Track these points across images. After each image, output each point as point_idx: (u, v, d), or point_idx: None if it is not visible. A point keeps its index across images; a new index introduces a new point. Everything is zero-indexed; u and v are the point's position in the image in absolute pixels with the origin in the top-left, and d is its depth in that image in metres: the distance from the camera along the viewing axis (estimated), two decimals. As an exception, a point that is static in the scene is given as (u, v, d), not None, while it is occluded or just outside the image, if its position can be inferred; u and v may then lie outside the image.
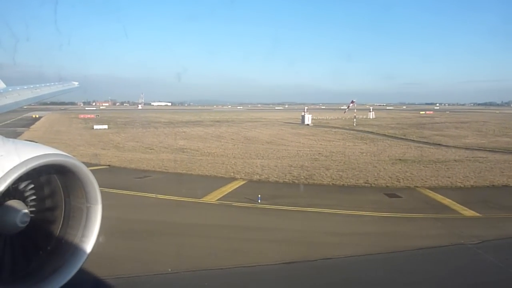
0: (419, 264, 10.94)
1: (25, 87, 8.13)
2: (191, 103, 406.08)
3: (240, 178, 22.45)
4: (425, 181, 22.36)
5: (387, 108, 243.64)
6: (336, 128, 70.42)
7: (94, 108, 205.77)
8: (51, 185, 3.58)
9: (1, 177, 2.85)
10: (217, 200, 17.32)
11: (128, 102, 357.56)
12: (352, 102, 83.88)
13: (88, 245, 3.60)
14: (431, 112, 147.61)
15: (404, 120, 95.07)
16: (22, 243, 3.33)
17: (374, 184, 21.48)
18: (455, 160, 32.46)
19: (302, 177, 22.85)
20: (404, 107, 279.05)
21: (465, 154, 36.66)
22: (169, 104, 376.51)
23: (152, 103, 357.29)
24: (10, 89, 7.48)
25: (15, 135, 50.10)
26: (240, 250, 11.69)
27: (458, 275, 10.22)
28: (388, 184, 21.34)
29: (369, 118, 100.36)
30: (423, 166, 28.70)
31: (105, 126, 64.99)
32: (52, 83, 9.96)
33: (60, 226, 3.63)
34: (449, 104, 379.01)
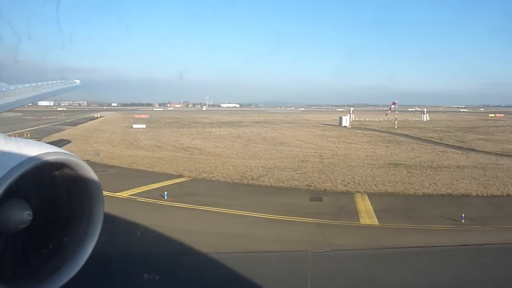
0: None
1: (27, 85, 8.19)
2: (260, 105, 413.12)
3: (187, 176, 22.92)
4: (377, 187, 20.93)
5: (460, 110, 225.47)
6: (372, 130, 67.26)
7: (161, 109, 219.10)
8: (53, 183, 3.55)
9: (3, 175, 2.83)
10: (130, 195, 18.04)
11: (200, 104, 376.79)
12: (394, 103, 79.06)
13: (90, 244, 3.60)
14: (502, 115, 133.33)
15: (459, 123, 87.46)
16: (24, 241, 3.34)
17: (315, 187, 20.68)
18: (457, 167, 29.61)
19: (249, 178, 22.68)
20: (482, 109, 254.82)
21: (482, 161, 33.16)
22: (237, 105, 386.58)
23: (221, 105, 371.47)
24: (12, 88, 7.46)
25: (56, 131, 55.83)
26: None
27: (252, 281, 9.65)
28: (328, 188, 20.39)
29: (421, 121, 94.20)
30: (407, 172, 26.72)
31: (143, 126, 68.81)
32: (54, 81, 10.08)
33: (62, 225, 3.62)
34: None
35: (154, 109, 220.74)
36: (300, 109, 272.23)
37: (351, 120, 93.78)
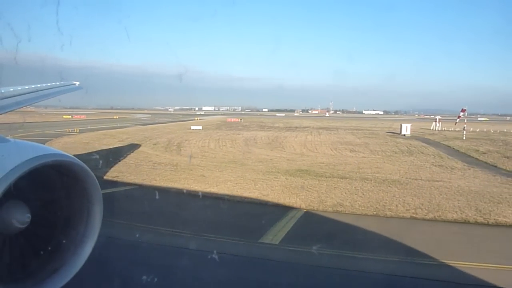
0: None
1: (26, 87, 8.11)
2: (415, 113, 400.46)
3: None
4: (174, 183, 22.76)
5: None
6: (423, 140, 59.31)
7: (284, 115, 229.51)
8: (52, 185, 3.62)
9: (2, 177, 2.87)
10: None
11: (342, 110, 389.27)
12: (463, 110, 66.35)
13: (89, 245, 3.70)
14: None
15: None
16: (22, 243, 3.39)
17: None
18: (363, 178, 26.33)
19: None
20: None
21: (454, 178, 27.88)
22: (381, 112, 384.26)
23: (363, 111, 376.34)
24: (11, 89, 7.44)
25: (112, 128, 65.88)
26: None
27: None
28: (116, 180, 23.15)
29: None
30: (286, 178, 25.84)
31: (200, 127, 73.65)
32: (53, 83, 10.08)
33: (61, 226, 3.71)
34: None
35: (277, 115, 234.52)
36: (432, 116, 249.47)
37: (436, 128, 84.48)
